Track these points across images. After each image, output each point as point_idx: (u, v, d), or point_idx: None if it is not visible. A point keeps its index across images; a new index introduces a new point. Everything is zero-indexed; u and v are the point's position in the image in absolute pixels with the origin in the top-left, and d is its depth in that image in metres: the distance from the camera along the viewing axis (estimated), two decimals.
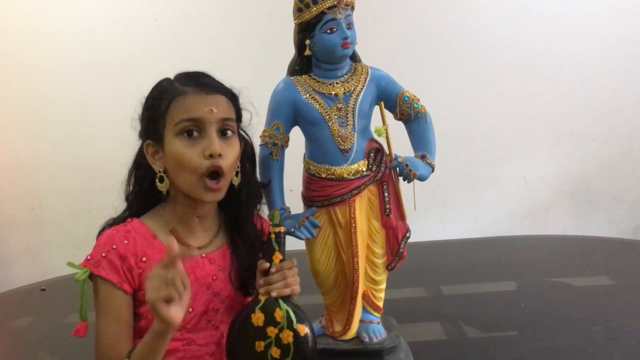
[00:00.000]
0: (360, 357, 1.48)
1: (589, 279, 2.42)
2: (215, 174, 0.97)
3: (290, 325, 0.97)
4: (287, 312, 0.97)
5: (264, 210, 1.22)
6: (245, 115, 1.11)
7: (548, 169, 3.41)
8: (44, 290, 2.74)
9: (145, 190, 1.05)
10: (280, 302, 0.98)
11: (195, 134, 0.96)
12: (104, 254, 0.95)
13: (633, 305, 2.12)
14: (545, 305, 2.14)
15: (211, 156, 0.95)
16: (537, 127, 3.36)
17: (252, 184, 1.12)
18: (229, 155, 0.99)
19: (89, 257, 0.96)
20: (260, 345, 0.97)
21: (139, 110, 1.04)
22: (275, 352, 0.96)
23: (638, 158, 3.38)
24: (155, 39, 3.10)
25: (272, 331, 0.97)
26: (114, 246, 0.95)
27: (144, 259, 0.97)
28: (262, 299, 0.99)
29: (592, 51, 3.24)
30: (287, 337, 0.96)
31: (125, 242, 0.97)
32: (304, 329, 0.98)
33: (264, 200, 1.19)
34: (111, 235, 0.98)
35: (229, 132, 1.00)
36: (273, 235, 1.02)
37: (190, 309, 1.00)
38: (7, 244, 3.29)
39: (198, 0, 3.18)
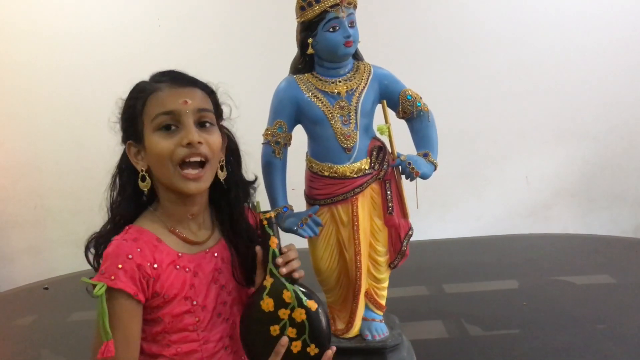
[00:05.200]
0: (362, 355, 1.48)
1: (590, 277, 2.43)
2: (198, 163, 0.97)
3: (300, 303, 0.99)
4: (295, 291, 1.00)
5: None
6: (225, 110, 1.10)
7: (550, 167, 3.41)
8: (46, 288, 2.75)
9: (129, 195, 1.03)
10: (286, 283, 1.00)
11: (173, 127, 0.96)
12: (120, 265, 0.92)
13: (635, 303, 2.12)
14: (547, 303, 2.14)
15: (189, 145, 0.95)
16: (539, 126, 3.35)
17: (239, 181, 1.12)
18: (211, 142, 0.98)
19: (102, 271, 0.93)
20: (275, 330, 0.98)
21: (118, 114, 1.03)
22: (291, 332, 0.98)
23: (639, 156, 3.38)
24: (157, 39, 3.10)
25: (284, 313, 0.99)
26: (130, 256, 0.93)
27: (155, 265, 0.96)
28: (268, 284, 1.01)
29: (594, 50, 3.24)
30: (300, 315, 0.98)
31: (138, 250, 0.95)
32: (314, 305, 1.00)
33: (253, 193, 1.17)
34: (121, 245, 0.95)
35: (208, 124, 1.00)
36: (265, 222, 1.03)
37: (204, 307, 1.01)
38: (10, 242, 3.30)
39: (200, 1, 3.18)
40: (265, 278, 1.02)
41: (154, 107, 0.96)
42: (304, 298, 0.99)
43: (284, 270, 1.01)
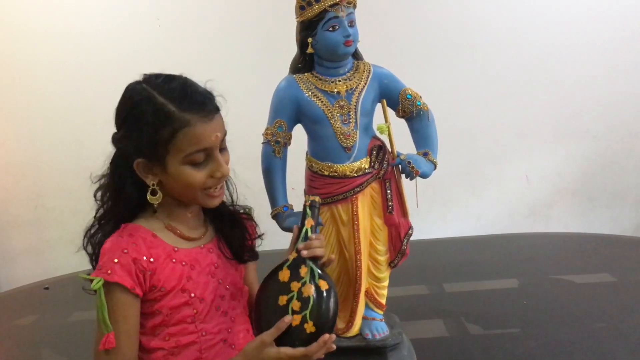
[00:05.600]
0: (363, 354, 1.49)
1: (591, 276, 2.43)
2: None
3: (313, 280, 1.02)
4: (312, 268, 1.03)
5: (255, 207, 1.22)
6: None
7: (550, 166, 3.41)
8: (47, 288, 2.75)
9: (135, 203, 1.03)
10: (308, 260, 1.04)
11: (202, 158, 0.99)
12: (116, 260, 0.94)
13: (635, 302, 2.12)
14: (548, 302, 2.14)
15: (222, 177, 1.01)
16: (539, 125, 3.35)
17: None
18: (228, 163, 1.04)
19: (99, 266, 0.95)
20: (283, 299, 1.01)
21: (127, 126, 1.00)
22: (295, 304, 1.00)
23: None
24: (157, 38, 3.10)
25: (295, 285, 1.02)
26: (125, 250, 0.95)
27: (151, 259, 0.98)
28: (291, 258, 1.06)
29: (594, 49, 3.24)
30: (309, 290, 1.01)
31: (134, 245, 0.97)
32: (325, 285, 1.02)
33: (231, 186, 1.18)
34: (117, 241, 0.97)
35: (224, 147, 1.04)
36: (307, 203, 1.10)
37: (202, 299, 1.03)
38: (10, 243, 3.30)
39: (199, 0, 3.18)
40: (291, 253, 1.07)
41: (188, 143, 0.95)
42: (317, 276, 1.02)
43: (304, 252, 1.04)
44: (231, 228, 1.13)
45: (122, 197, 1.03)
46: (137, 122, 0.96)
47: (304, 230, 1.08)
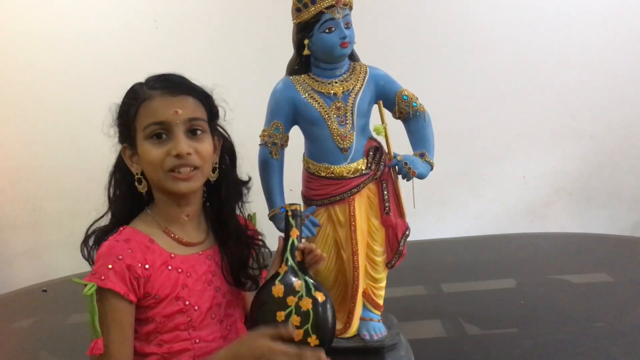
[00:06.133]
0: (361, 354, 1.49)
1: (588, 276, 2.43)
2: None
3: (309, 293, 1.01)
4: (305, 281, 1.02)
5: (252, 208, 1.22)
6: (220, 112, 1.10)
7: (547, 166, 3.41)
8: (45, 291, 2.75)
9: (125, 194, 1.05)
10: (299, 272, 1.03)
11: (164, 136, 0.98)
12: (110, 266, 0.94)
13: (632, 301, 2.13)
14: (545, 302, 2.15)
15: (178, 156, 0.97)
16: (536, 125, 3.36)
17: (232, 180, 1.12)
18: (200, 150, 1.00)
19: (94, 271, 0.95)
20: (281, 315, 1.00)
21: (114, 115, 1.04)
22: (295, 320, 0.99)
23: (636, 155, 3.38)
24: (154, 40, 3.10)
25: (292, 300, 1.00)
26: (120, 257, 0.95)
27: (147, 266, 0.97)
28: (282, 271, 1.04)
29: (591, 49, 3.25)
30: (307, 304, 1.00)
31: (129, 251, 0.96)
32: (322, 296, 1.01)
33: (248, 199, 1.17)
34: (112, 246, 0.96)
35: (199, 132, 1.01)
36: (290, 213, 1.07)
37: (196, 307, 1.02)
38: (8, 245, 3.30)
39: (197, 2, 3.19)
40: (281, 266, 1.05)
41: (146, 116, 0.97)
42: (312, 289, 1.01)
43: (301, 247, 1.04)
44: (237, 245, 1.10)
45: (118, 188, 1.05)
46: (120, 107, 1.02)
47: (290, 241, 1.06)
